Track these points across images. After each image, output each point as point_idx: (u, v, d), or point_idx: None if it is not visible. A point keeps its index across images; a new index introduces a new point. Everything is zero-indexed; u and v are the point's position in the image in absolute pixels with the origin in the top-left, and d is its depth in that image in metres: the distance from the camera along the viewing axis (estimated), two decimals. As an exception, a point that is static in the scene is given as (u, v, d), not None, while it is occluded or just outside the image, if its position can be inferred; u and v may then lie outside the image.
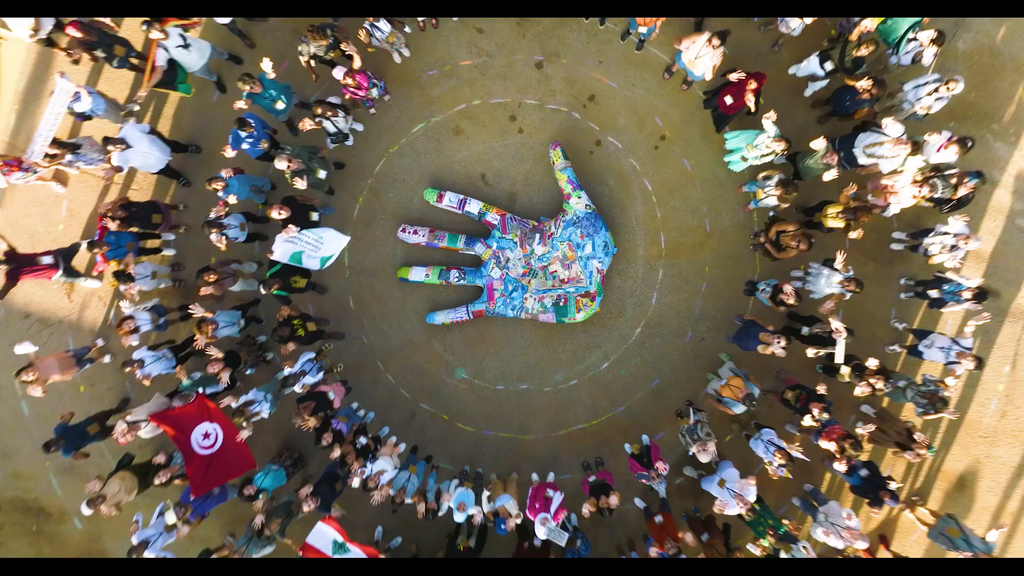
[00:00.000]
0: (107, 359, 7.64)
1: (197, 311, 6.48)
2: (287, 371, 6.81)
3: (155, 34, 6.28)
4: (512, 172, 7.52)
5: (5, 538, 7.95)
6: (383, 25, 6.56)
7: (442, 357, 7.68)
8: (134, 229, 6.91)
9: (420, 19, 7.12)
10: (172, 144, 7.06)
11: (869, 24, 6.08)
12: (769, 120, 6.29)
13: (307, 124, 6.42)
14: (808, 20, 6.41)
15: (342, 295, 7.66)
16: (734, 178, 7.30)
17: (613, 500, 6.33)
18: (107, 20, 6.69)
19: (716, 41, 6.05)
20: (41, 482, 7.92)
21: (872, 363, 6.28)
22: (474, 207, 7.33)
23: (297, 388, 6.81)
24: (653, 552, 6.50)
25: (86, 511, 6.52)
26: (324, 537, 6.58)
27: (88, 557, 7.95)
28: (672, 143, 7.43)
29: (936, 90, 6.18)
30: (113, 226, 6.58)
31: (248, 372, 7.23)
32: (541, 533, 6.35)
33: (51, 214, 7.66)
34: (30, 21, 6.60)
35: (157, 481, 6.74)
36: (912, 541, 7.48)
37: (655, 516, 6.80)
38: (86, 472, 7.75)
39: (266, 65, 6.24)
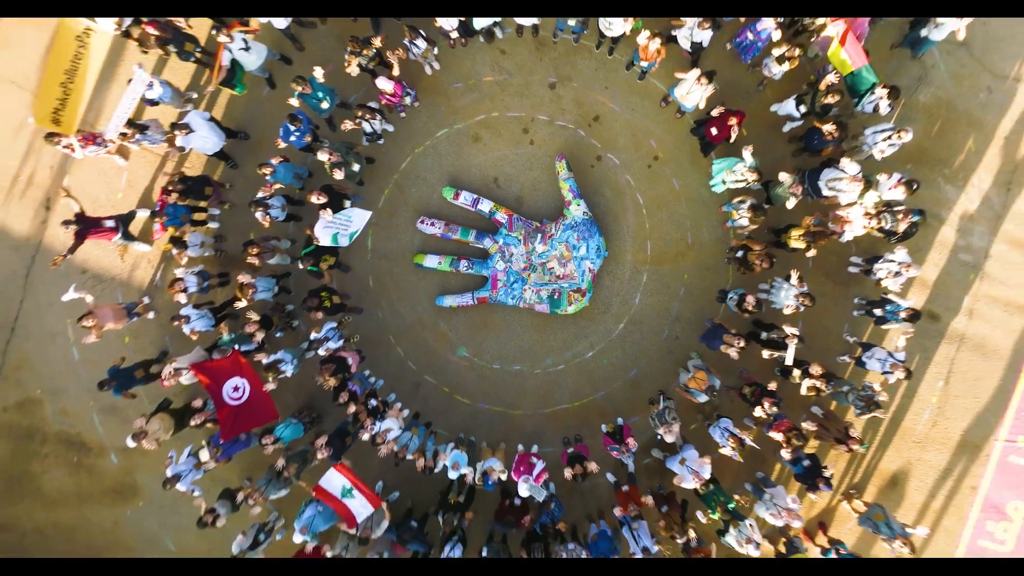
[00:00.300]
0: (151, 315, 8.60)
1: (244, 278, 7.49)
2: (313, 335, 7.82)
3: (223, 38, 7.28)
4: (521, 178, 8.52)
5: (49, 467, 8.96)
6: (420, 43, 7.56)
7: (447, 336, 8.70)
8: (187, 202, 7.91)
9: (452, 38, 8.10)
10: (226, 131, 8.07)
11: (833, 78, 7.07)
12: (747, 151, 7.31)
13: (348, 125, 7.43)
14: (787, 67, 7.42)
15: (363, 275, 8.66)
16: (716, 199, 8.30)
17: (592, 466, 7.33)
18: (180, 20, 7.69)
19: (704, 80, 7.07)
20: (85, 420, 8.92)
21: (815, 369, 7.30)
22: (486, 206, 8.34)
23: (320, 351, 7.84)
24: (617, 512, 7.51)
25: (131, 443, 7.52)
26: (334, 482, 7.58)
27: (121, 489, 8.95)
28: (664, 164, 8.44)
29: (890, 137, 7.19)
30: (172, 199, 7.58)
31: (277, 335, 8.22)
32: (523, 491, 7.36)
33: (112, 183, 8.66)
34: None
35: (193, 423, 7.76)
36: (847, 529, 8.50)
37: (623, 487, 7.83)
38: (125, 414, 8.76)
39: (317, 72, 7.24)
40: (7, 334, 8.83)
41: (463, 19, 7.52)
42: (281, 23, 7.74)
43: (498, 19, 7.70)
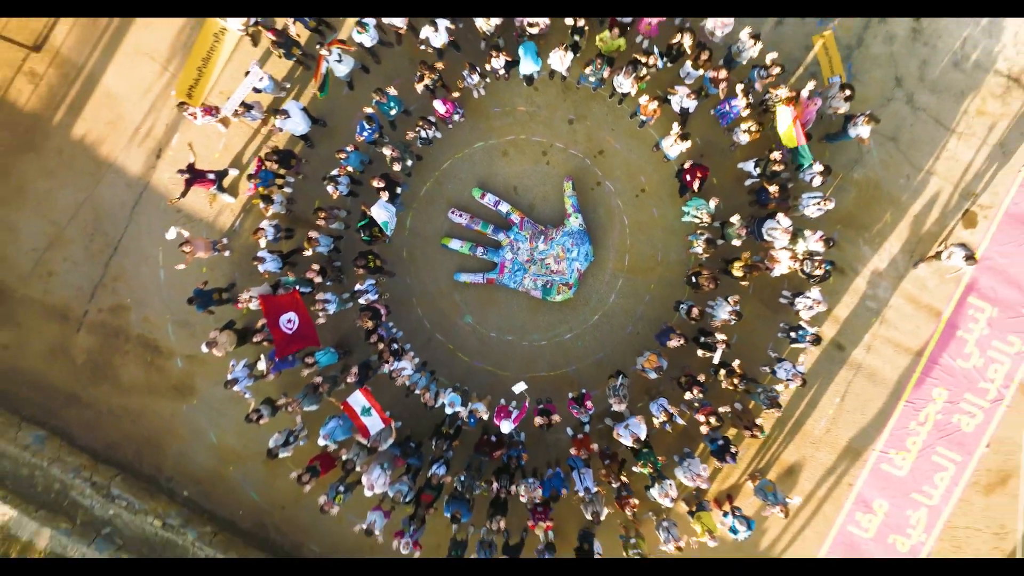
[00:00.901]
0: (227, 253, 10.82)
1: (313, 233, 9.73)
2: (357, 287, 10.06)
3: (324, 52, 9.50)
4: (535, 190, 10.76)
5: (127, 362, 11.18)
6: (475, 76, 9.78)
7: (458, 305, 10.93)
8: (276, 169, 10.12)
9: (500, 72, 10.26)
10: (312, 118, 10.29)
11: (778, 154, 9.32)
12: (713, 201, 9.51)
13: (409, 134, 9.67)
14: (748, 138, 9.65)
15: (400, 247, 10.88)
16: (683, 229, 10.53)
17: (556, 418, 9.58)
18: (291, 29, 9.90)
19: (680, 140, 9.32)
20: (161, 329, 11.14)
21: (736, 369, 9.55)
22: (504, 207, 10.57)
23: (360, 301, 10.08)
24: (572, 452, 9.75)
25: (204, 349, 9.78)
26: (357, 401, 9.79)
27: (181, 388, 11.18)
28: (648, 196, 10.68)
29: (819, 203, 9.43)
30: (268, 165, 9.80)
31: (327, 283, 10.44)
32: (504, 428, 9.61)
33: (212, 145, 10.87)
34: (242, 21, 9.83)
35: (255, 340, 9.98)
36: (748, 502, 10.72)
37: (578, 436, 10.08)
38: (194, 329, 10.98)
39: (391, 89, 9.47)
40: (111, 251, 11.06)
41: (509, 59, 9.72)
42: (368, 41, 9.94)
43: (539, 69, 9.89)
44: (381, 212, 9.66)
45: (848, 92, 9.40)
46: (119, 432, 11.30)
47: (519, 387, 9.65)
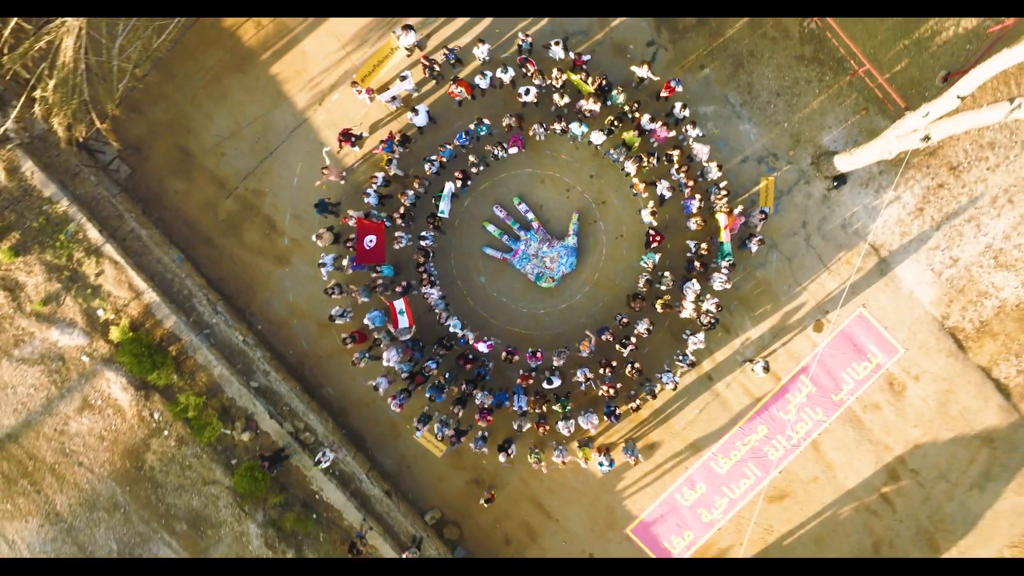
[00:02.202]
0: (342, 182, 15.97)
1: (408, 191, 14.94)
2: (422, 233, 15.27)
3: (455, 88, 14.66)
4: (553, 212, 15.95)
5: (252, 229, 16.32)
6: (540, 130, 14.97)
7: (479, 267, 16.12)
8: (396, 141, 15.25)
9: (558, 127, 15.33)
10: (430, 118, 15.46)
11: (705, 245, 14.57)
12: (658, 256, 14.75)
13: (487, 148, 14.87)
14: (695, 226, 14.89)
15: (455, 217, 15.95)
16: (637, 269, 15.74)
17: (515, 357, 14.84)
18: (438, 58, 15.04)
19: (650, 215, 14.59)
20: (282, 215, 16.29)
21: (637, 365, 14.82)
22: (530, 215, 15.77)
23: (420, 243, 15.31)
24: (518, 381, 15.03)
25: (313, 238, 15.03)
26: (399, 305, 14.99)
27: (281, 258, 16.35)
28: (624, 240, 15.89)
29: (723, 283, 14.67)
30: (395, 139, 14.97)
31: (403, 225, 15.61)
32: (481, 349, 14.86)
33: (355, 114, 16.00)
34: (409, 40, 14.97)
35: (346, 245, 15.14)
36: (616, 455, 15.96)
37: (526, 374, 15.36)
38: (304, 222, 16.12)
39: (486, 120, 14.65)
40: (267, 154, 16.20)
41: (565, 128, 14.89)
42: (484, 84, 15.04)
43: (582, 135, 15.07)
44: (445, 202, 14.93)
45: (763, 218, 14.70)
46: (230, 273, 16.49)
47: (483, 347, 14.95)
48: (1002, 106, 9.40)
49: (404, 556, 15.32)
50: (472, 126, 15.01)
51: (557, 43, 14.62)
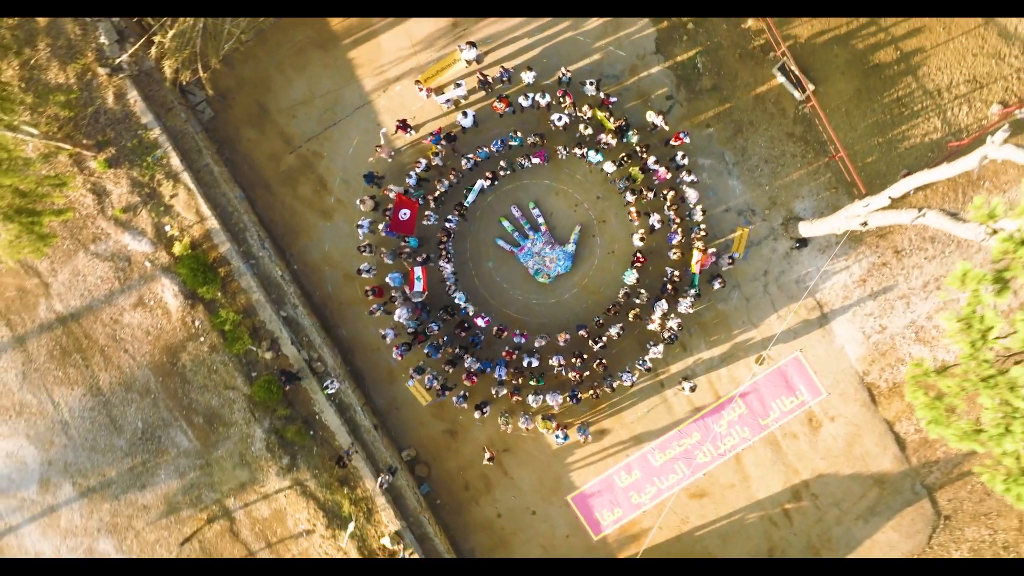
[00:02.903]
0: (390, 160, 18.80)
1: (444, 179, 17.81)
2: (448, 217, 18.14)
3: (497, 104, 17.49)
4: (561, 220, 18.81)
5: (305, 184, 19.12)
6: (563, 151, 17.82)
7: (490, 255, 18.99)
8: (443, 137, 18.07)
9: (579, 151, 18.18)
10: (475, 121, 18.27)
11: (678, 275, 17.49)
12: (635, 275, 17.66)
13: (517, 159, 17.73)
14: (678, 253, 17.82)
15: (476, 209, 18.79)
16: (619, 283, 18.63)
17: (505, 333, 17.76)
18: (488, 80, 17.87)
19: (641, 239, 17.50)
20: (333, 177, 19.10)
21: (604, 361, 17.74)
22: (541, 220, 18.64)
23: (446, 224, 18.18)
24: (503, 355, 17.98)
25: (358, 203, 17.88)
26: (418, 271, 17.87)
27: (325, 213, 19.20)
28: (614, 256, 18.78)
29: (688, 307, 17.59)
30: (442, 134, 17.81)
31: (434, 206, 18.46)
32: (480, 323, 17.77)
33: (412, 107, 18.81)
34: (470, 55, 17.78)
35: (384, 213, 17.99)
36: (573, 433, 18.90)
37: (510, 351, 18.29)
38: (350, 187, 18.95)
39: (519, 133, 17.50)
40: (331, 124, 18.99)
41: (584, 153, 17.75)
42: (525, 103, 17.87)
43: (597, 163, 17.94)
44: (473, 195, 17.83)
45: (731, 262, 17.63)
46: (280, 216, 19.33)
47: (472, 311, 17.89)
48: (911, 212, 12.25)
49: (379, 480, 18.22)
50: (508, 137, 17.84)
51: (591, 83, 17.49)
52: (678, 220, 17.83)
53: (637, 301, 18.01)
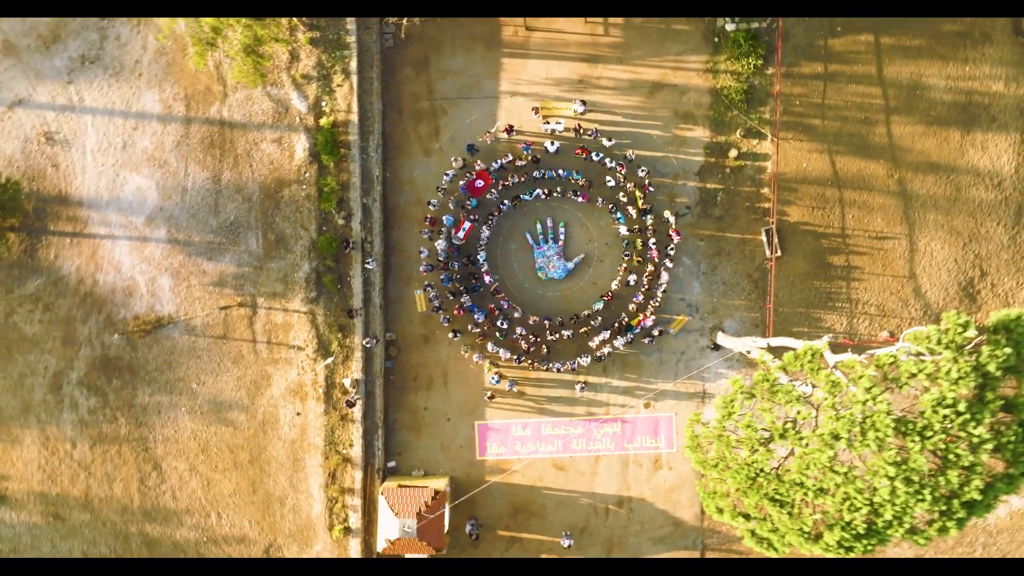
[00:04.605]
0: (490, 143, 25.54)
1: (521, 178, 24.70)
2: (506, 201, 25.04)
3: (541, 123, 24.34)
4: (574, 243, 25.72)
5: (426, 124, 25.85)
6: (602, 201, 24.74)
7: (516, 240, 25.88)
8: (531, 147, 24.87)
9: (612, 207, 25.05)
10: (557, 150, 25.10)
11: (626, 321, 24.59)
12: (602, 306, 24.71)
13: (567, 190, 24.66)
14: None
15: (524, 208, 25.69)
16: (589, 307, 25.62)
17: (516, 314, 24.80)
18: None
19: (616, 286, 24.57)
20: (446, 133, 25.82)
21: (547, 349, 24.82)
22: (562, 236, 25.60)
23: (501, 206, 25.08)
24: (502, 303, 25.04)
25: (452, 159, 24.77)
26: (467, 225, 24.77)
27: (429, 152, 26.00)
28: (596, 287, 25.76)
29: (622, 344, 24.67)
30: (532, 147, 24.64)
31: (500, 191, 25.30)
32: (487, 278, 24.79)
33: (521, 118, 25.58)
34: (578, 108, 24.58)
35: (468, 174, 24.82)
36: (505, 383, 25.94)
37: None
38: (454, 148, 25.71)
39: (577, 173, 24.42)
40: (465, 97, 25.72)
41: (617, 211, 24.69)
42: (595, 158, 24.72)
43: (621, 230, 24.90)
44: (528, 197, 24.80)
45: (661, 333, 24.77)
46: (397, 138, 26.07)
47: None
48: (761, 341, 19.36)
49: (365, 340, 25.15)
50: (570, 172, 24.75)
51: (643, 170, 24.44)
52: (646, 288, 24.86)
53: (592, 323, 25.05)
